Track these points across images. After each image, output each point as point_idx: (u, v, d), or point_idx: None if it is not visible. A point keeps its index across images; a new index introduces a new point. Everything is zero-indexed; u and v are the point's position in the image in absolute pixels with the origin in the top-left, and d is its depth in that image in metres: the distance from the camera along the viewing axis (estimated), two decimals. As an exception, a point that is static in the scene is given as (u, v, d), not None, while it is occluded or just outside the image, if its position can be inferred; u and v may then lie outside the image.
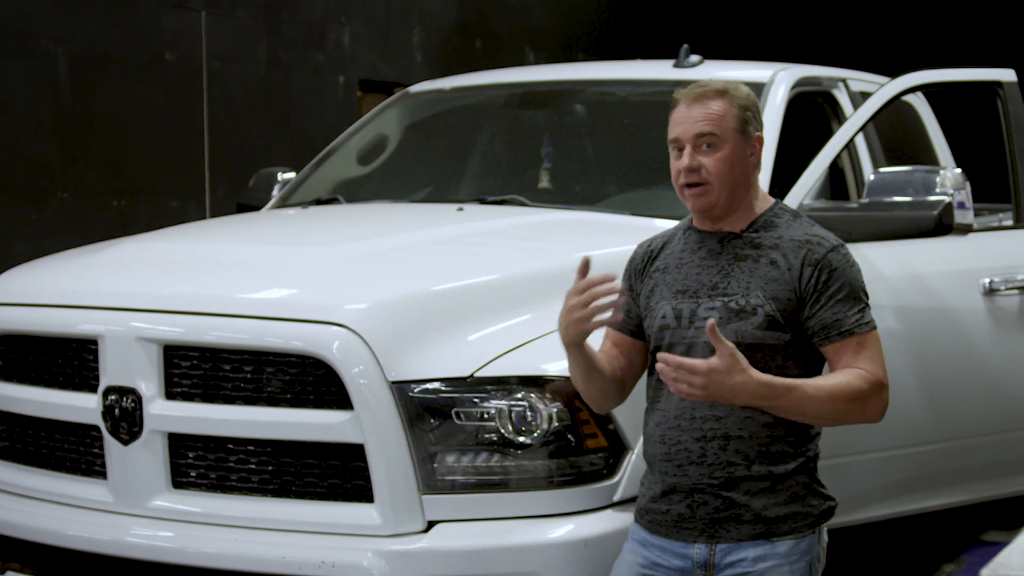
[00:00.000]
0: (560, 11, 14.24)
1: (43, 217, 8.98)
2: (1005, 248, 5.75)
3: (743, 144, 3.64)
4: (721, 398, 3.39)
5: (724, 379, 3.34)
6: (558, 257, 4.66)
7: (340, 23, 11.41)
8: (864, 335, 3.56)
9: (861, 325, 3.56)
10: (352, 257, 4.55)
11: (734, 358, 3.34)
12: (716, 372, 3.33)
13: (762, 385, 3.39)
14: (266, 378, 4.06)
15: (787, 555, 3.56)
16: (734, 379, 3.35)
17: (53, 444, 4.46)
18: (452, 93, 6.52)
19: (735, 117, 3.62)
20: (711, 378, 3.33)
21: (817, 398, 3.46)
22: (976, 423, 5.53)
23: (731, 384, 3.35)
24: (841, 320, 3.54)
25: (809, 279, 3.55)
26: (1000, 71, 5.86)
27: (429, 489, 3.93)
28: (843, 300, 3.55)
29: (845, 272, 3.58)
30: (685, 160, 3.61)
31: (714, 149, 3.60)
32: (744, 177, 3.65)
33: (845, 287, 3.56)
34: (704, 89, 3.64)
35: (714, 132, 3.60)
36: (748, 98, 3.68)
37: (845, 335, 3.54)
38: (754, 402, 3.42)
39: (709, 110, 3.61)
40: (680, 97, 3.68)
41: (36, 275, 4.80)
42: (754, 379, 3.37)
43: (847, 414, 3.53)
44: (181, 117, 9.89)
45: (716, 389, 3.35)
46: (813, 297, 3.55)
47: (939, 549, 6.40)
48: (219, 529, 4.09)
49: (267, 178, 6.53)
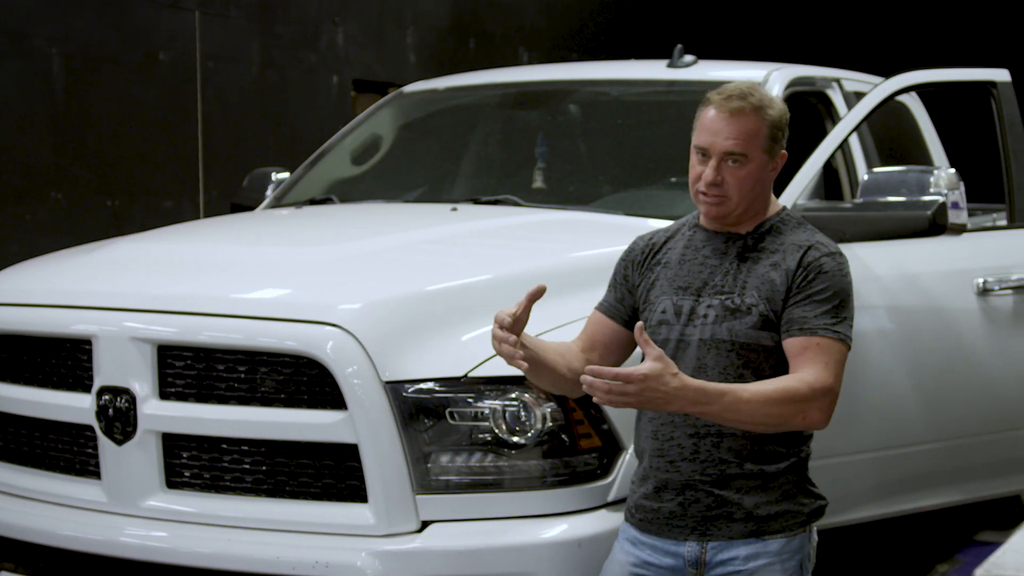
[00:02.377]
0: (554, 11, 14.24)
1: (37, 217, 8.97)
2: (999, 248, 5.75)
3: (767, 162, 3.62)
4: (654, 405, 3.31)
5: (657, 385, 3.25)
6: (552, 257, 4.67)
7: (334, 23, 11.40)
8: (828, 340, 3.49)
9: (828, 330, 3.50)
10: (346, 257, 4.55)
11: (664, 361, 3.26)
12: (650, 379, 3.24)
13: (694, 390, 3.31)
14: (260, 378, 4.06)
15: (778, 553, 3.56)
16: (668, 385, 3.26)
17: (47, 444, 4.46)
18: (446, 93, 6.52)
19: (765, 137, 3.59)
20: (645, 384, 3.24)
21: (753, 402, 3.37)
22: (970, 423, 5.53)
23: (665, 390, 3.26)
24: (809, 318, 3.50)
25: (797, 277, 3.55)
26: (994, 71, 5.86)
27: (423, 489, 3.93)
28: (821, 302, 3.52)
29: (834, 277, 3.56)
30: (709, 174, 3.58)
31: (739, 167, 3.57)
32: (762, 190, 3.65)
33: (828, 291, 3.54)
34: (742, 104, 3.57)
35: (743, 152, 3.57)
36: (781, 118, 3.64)
37: (807, 332, 3.49)
38: (687, 408, 3.34)
39: (742, 128, 3.56)
40: (714, 102, 3.61)
41: (30, 275, 4.79)
42: (687, 384, 3.29)
43: (786, 419, 3.44)
44: (175, 117, 9.88)
45: (649, 395, 3.26)
46: (795, 293, 3.54)
47: (933, 549, 6.41)
48: (213, 529, 4.08)
49: (261, 178, 6.53)
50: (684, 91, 5.77)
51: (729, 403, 3.35)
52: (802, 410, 3.44)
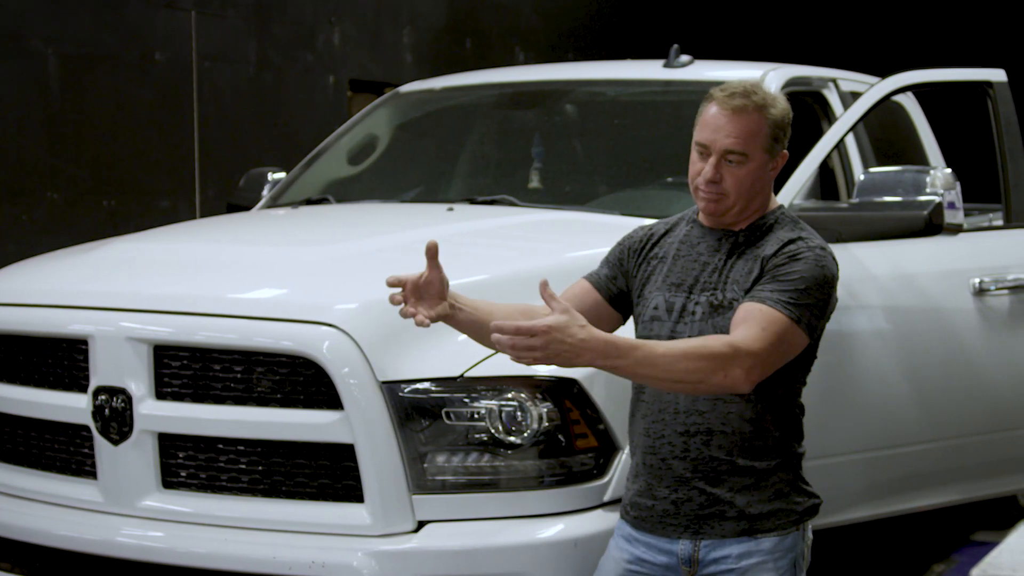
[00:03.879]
0: (550, 11, 14.24)
1: (33, 217, 8.96)
2: (995, 248, 5.75)
3: (767, 161, 3.59)
4: (562, 359, 3.18)
5: (563, 337, 3.13)
6: (548, 257, 4.67)
7: (330, 23, 11.40)
8: (771, 309, 3.39)
9: (776, 302, 3.40)
10: (342, 257, 4.55)
11: (570, 313, 3.16)
12: (554, 330, 3.12)
13: (604, 342, 3.19)
14: (256, 378, 4.06)
15: (771, 552, 3.56)
16: (575, 336, 3.14)
17: (43, 444, 4.46)
18: (442, 93, 6.52)
19: (766, 136, 3.56)
20: (550, 336, 3.12)
21: (668, 356, 3.25)
22: (966, 423, 5.54)
23: (571, 342, 3.14)
24: (763, 292, 3.43)
25: (770, 263, 3.50)
26: (990, 71, 5.86)
27: (419, 489, 3.93)
28: (782, 281, 3.44)
29: (806, 264, 3.48)
30: (709, 171, 3.55)
31: (739, 166, 3.54)
32: (761, 189, 3.62)
33: (795, 274, 3.45)
34: (745, 102, 3.54)
35: (743, 151, 3.54)
36: (784, 117, 3.60)
37: (754, 300, 3.42)
38: (597, 362, 3.21)
39: (743, 127, 3.53)
40: (717, 99, 3.58)
41: (26, 275, 4.79)
42: (595, 336, 3.17)
43: (705, 376, 3.30)
44: (171, 117, 9.87)
45: (556, 348, 3.14)
46: (764, 276, 3.49)
47: (929, 549, 6.41)
48: (209, 529, 4.08)
49: (257, 178, 6.53)
50: (680, 91, 5.77)
51: (641, 357, 3.24)
52: (722, 367, 3.30)
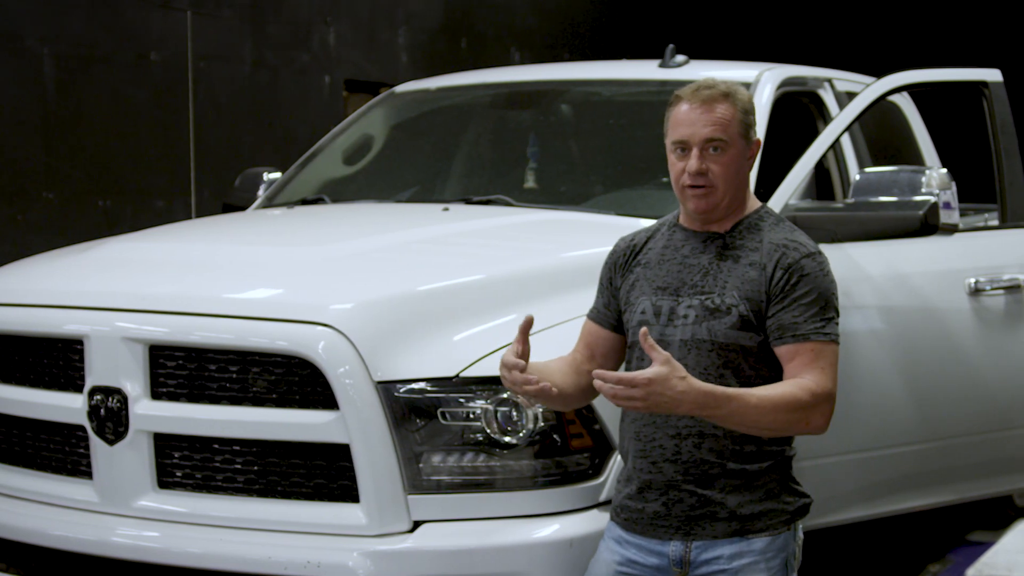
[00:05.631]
0: (546, 11, 14.24)
1: (28, 217, 8.96)
2: (990, 248, 5.75)
3: (745, 148, 3.66)
4: (662, 409, 3.32)
5: (663, 390, 3.26)
6: (544, 257, 4.67)
7: (326, 23, 11.40)
8: (821, 344, 3.52)
9: (819, 333, 3.52)
10: (337, 257, 4.55)
11: (671, 365, 3.28)
12: (655, 383, 3.25)
13: (703, 394, 3.32)
14: (252, 378, 4.06)
15: (763, 552, 3.57)
16: (675, 388, 3.27)
17: (39, 444, 4.46)
18: (437, 93, 6.52)
19: (740, 122, 3.63)
20: (651, 388, 3.26)
21: (759, 408, 3.40)
22: (961, 423, 5.53)
23: (671, 395, 3.27)
24: (799, 324, 3.52)
25: (778, 281, 3.55)
26: (986, 71, 5.86)
27: (415, 489, 3.93)
28: (807, 305, 3.54)
29: (816, 279, 3.57)
30: (694, 164, 3.59)
31: (721, 153, 3.60)
32: (744, 180, 3.67)
33: (812, 293, 3.55)
34: (711, 92, 3.62)
35: (723, 138, 3.60)
36: (749, 101, 3.68)
37: (800, 339, 3.52)
38: (695, 411, 3.36)
39: (717, 114, 3.60)
40: (684, 97, 3.65)
41: (21, 275, 4.79)
42: (694, 388, 3.30)
43: (789, 425, 3.49)
44: (167, 117, 9.88)
45: (656, 400, 3.28)
46: (778, 298, 3.55)
47: (925, 549, 6.41)
48: (205, 529, 4.08)
49: (253, 178, 6.52)
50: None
51: (735, 408, 3.38)
52: (806, 416, 3.47)
